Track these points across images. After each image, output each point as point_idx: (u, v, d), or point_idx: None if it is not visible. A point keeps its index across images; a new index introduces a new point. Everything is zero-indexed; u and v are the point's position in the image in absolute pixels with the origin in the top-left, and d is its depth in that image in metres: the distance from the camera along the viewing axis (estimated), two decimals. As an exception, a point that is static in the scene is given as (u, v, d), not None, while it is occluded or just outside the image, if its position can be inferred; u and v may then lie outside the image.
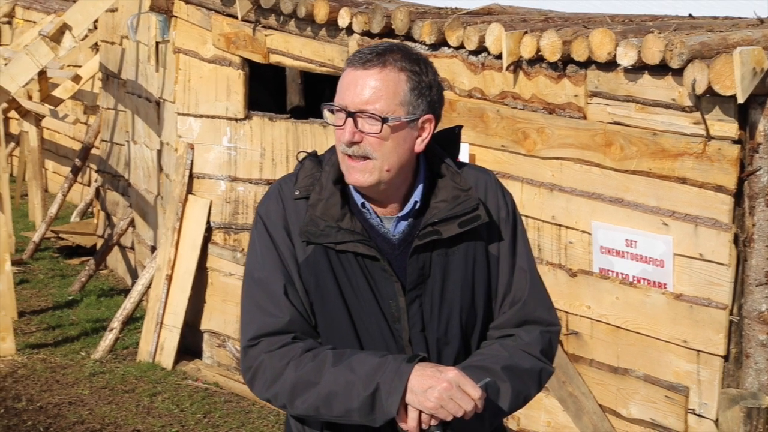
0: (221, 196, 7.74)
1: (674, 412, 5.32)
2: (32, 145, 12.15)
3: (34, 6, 14.94)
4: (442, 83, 2.82)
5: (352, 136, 2.69)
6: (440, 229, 2.76)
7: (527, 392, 2.83)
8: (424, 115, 2.74)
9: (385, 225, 2.81)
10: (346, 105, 2.70)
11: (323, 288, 2.78)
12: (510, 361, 2.79)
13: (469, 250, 2.82)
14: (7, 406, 7.07)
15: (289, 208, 2.83)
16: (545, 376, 2.87)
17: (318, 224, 2.75)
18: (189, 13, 7.83)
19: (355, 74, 2.70)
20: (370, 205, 2.80)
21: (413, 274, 2.77)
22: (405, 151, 2.74)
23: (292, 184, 2.86)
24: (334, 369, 2.67)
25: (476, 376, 2.69)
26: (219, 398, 7.27)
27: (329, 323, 2.80)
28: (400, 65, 2.71)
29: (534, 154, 5.83)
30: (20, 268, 10.27)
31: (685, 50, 4.95)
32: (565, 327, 5.75)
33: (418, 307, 2.79)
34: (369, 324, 2.78)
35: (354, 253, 2.76)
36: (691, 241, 5.16)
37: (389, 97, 2.69)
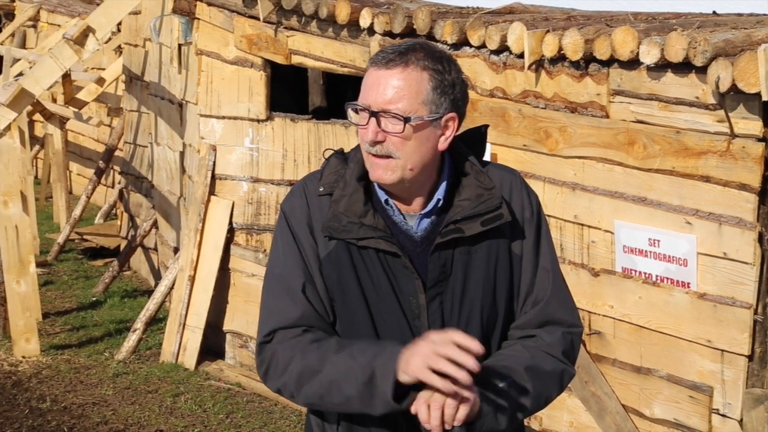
0: (243, 197, 7.74)
1: (698, 412, 5.30)
2: (56, 147, 12.19)
3: (58, 9, 15.00)
4: (466, 80, 2.81)
5: (375, 135, 2.70)
6: (463, 227, 2.76)
7: (548, 393, 2.82)
8: (447, 113, 2.73)
9: (408, 222, 2.81)
10: (369, 105, 2.70)
11: (344, 283, 2.78)
12: (532, 362, 2.78)
13: (491, 249, 2.81)
14: (32, 407, 7.09)
15: (313, 204, 2.84)
16: (567, 378, 2.86)
17: (341, 220, 2.76)
18: (211, 15, 7.84)
19: (378, 74, 2.71)
20: (393, 202, 2.80)
21: (434, 271, 2.77)
22: (428, 150, 2.73)
23: (317, 180, 2.87)
24: (336, 357, 2.68)
25: (498, 376, 2.70)
26: (241, 398, 7.27)
27: (349, 319, 2.80)
28: (423, 64, 2.70)
29: (556, 153, 5.82)
30: (45, 270, 10.31)
31: (709, 48, 4.92)
32: (587, 327, 5.72)
33: (438, 304, 2.78)
34: (388, 320, 2.78)
35: (375, 249, 2.76)
36: (715, 239, 5.14)
37: (412, 96, 2.68)
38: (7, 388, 7.41)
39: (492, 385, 2.69)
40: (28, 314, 8.07)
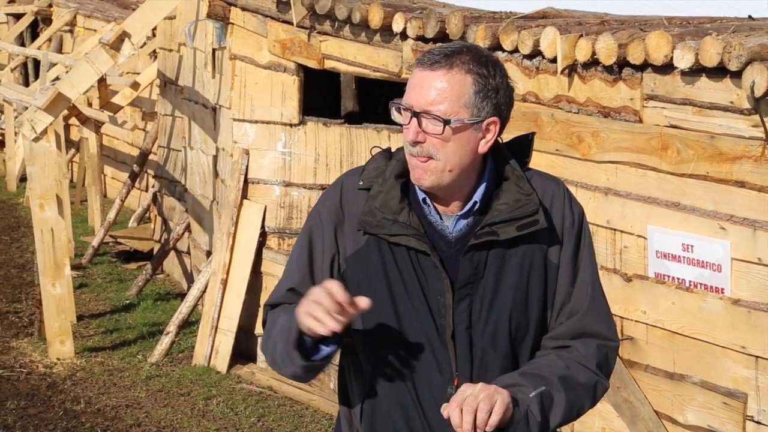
0: (276, 201, 7.76)
1: (732, 419, 5.26)
2: (92, 151, 12.27)
3: (94, 15, 15.12)
4: (511, 85, 2.80)
5: (415, 135, 2.70)
6: (498, 231, 2.75)
7: (581, 405, 2.80)
8: (489, 117, 2.72)
9: (444, 222, 2.81)
10: (412, 105, 2.71)
11: (370, 279, 2.80)
12: (566, 372, 2.76)
13: (526, 255, 2.79)
14: (66, 409, 7.13)
15: (347, 199, 2.86)
16: (600, 391, 2.84)
17: (375, 215, 2.77)
18: (245, 19, 7.87)
19: (423, 75, 2.71)
20: (431, 201, 2.80)
21: (465, 272, 2.76)
22: (468, 152, 2.73)
23: (357, 175, 2.89)
24: (285, 316, 2.76)
25: (533, 384, 2.69)
26: (273, 402, 7.28)
27: (373, 313, 2.79)
28: (467, 67, 2.69)
29: (589, 158, 5.79)
30: (79, 273, 10.37)
31: (744, 52, 4.89)
32: (620, 332, 5.69)
33: (467, 305, 2.77)
34: (413, 316, 2.78)
35: (407, 246, 2.76)
36: (750, 245, 5.10)
37: (454, 98, 2.68)
38: (41, 390, 7.45)
39: (525, 393, 2.68)
40: (62, 317, 8.12)
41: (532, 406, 2.66)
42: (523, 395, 2.67)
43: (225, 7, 8.00)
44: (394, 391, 2.82)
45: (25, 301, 9.54)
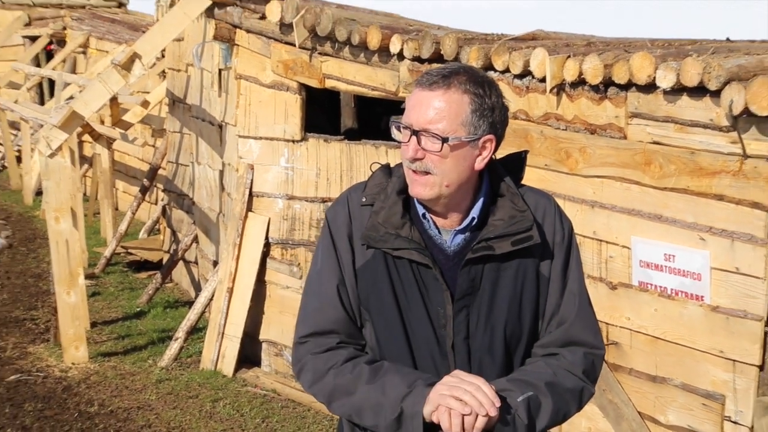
0: (279, 214, 7.77)
1: (711, 419, 5.27)
2: (104, 166, 12.27)
3: (106, 36, 15.14)
4: (506, 104, 2.82)
5: (415, 153, 2.71)
6: (494, 245, 2.76)
7: (567, 410, 2.81)
8: (485, 135, 2.74)
9: (443, 236, 2.82)
10: (411, 123, 2.72)
11: (379, 290, 2.81)
12: (553, 379, 2.78)
13: (520, 268, 2.81)
14: (81, 411, 7.13)
15: (354, 214, 2.87)
16: (586, 396, 2.86)
17: (378, 230, 2.78)
18: (250, 41, 7.89)
19: (422, 95, 2.72)
20: (430, 216, 2.82)
21: (463, 284, 2.78)
22: (465, 169, 2.74)
23: (360, 191, 2.90)
24: (367, 386, 2.72)
25: (520, 389, 2.71)
26: (276, 404, 7.28)
27: (383, 323, 2.82)
28: (464, 87, 2.71)
29: (576, 172, 5.81)
30: (92, 282, 10.37)
31: (723, 72, 4.91)
32: (605, 337, 5.70)
33: (465, 316, 2.78)
34: (417, 327, 2.79)
35: (409, 260, 2.77)
36: (728, 255, 5.11)
37: (451, 117, 2.69)
38: (57, 393, 7.45)
39: (512, 398, 2.69)
40: (77, 323, 8.12)
41: (519, 410, 2.68)
42: (511, 399, 2.68)
43: (231, 30, 8.02)
44: None
45: (41, 309, 9.54)
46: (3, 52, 17.69)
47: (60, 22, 17.41)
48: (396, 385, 2.69)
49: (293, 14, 7.34)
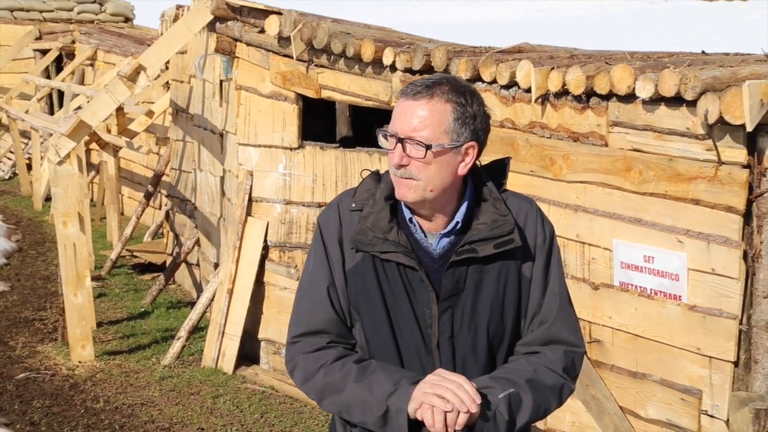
0: (277, 218, 7.77)
1: (688, 413, 5.28)
2: (110, 173, 12.28)
3: (113, 50, 15.15)
4: (488, 113, 2.82)
5: (400, 159, 2.72)
6: (477, 248, 2.76)
7: (547, 405, 2.80)
8: (467, 142, 2.74)
9: (429, 240, 2.82)
10: (397, 131, 2.73)
11: (368, 291, 2.81)
12: (533, 376, 2.78)
13: (502, 270, 2.81)
14: (87, 407, 7.13)
15: (344, 219, 2.87)
16: (566, 393, 2.85)
17: (367, 234, 2.78)
18: (249, 54, 7.90)
19: (406, 104, 2.73)
20: (416, 220, 2.82)
21: (448, 285, 2.78)
22: (448, 174, 2.75)
23: (350, 197, 2.90)
24: (355, 385, 2.73)
25: (502, 385, 2.71)
26: (274, 400, 7.29)
27: (371, 323, 2.83)
28: (447, 97, 2.72)
29: (560, 178, 5.83)
30: (99, 283, 10.37)
31: (699, 83, 4.94)
32: (588, 335, 5.72)
33: (449, 316, 2.79)
34: (404, 327, 2.80)
35: (396, 262, 2.77)
36: (704, 257, 5.13)
37: (435, 125, 2.70)
38: (65, 390, 7.45)
39: (494, 395, 2.70)
40: (84, 323, 8.12)
41: (500, 407, 2.68)
42: (493, 396, 2.68)
43: (231, 43, 8.03)
44: None
45: (49, 310, 9.54)
46: (15, 65, 17.68)
47: (69, 36, 17.41)
48: (382, 383, 2.70)
49: (291, 28, 7.35)
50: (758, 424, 4.91)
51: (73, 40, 17.17)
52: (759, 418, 4.91)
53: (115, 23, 18.89)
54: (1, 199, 15.33)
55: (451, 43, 7.26)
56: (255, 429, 6.78)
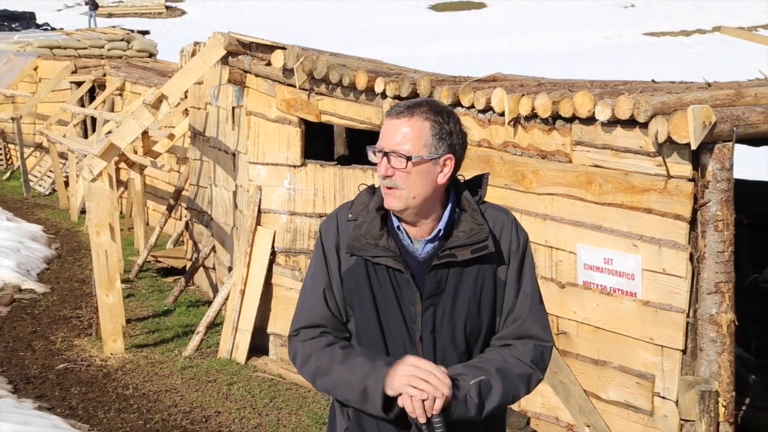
0: (283, 227, 7.76)
1: (643, 395, 5.28)
2: (137, 189, 12.25)
3: (139, 81, 15.14)
4: (464, 131, 2.82)
5: (386, 171, 2.73)
6: (456, 253, 2.75)
7: (516, 392, 2.77)
8: (445, 154, 2.74)
9: (415, 245, 2.81)
10: (383, 147, 2.74)
11: (360, 291, 2.81)
12: (503, 365, 2.75)
13: (479, 273, 2.80)
14: (118, 393, 7.10)
15: (342, 228, 2.87)
16: (534, 381, 2.82)
17: (360, 241, 2.78)
18: (258, 83, 7.90)
19: (390, 123, 2.74)
20: (404, 228, 2.81)
21: (430, 286, 2.77)
22: (428, 183, 2.74)
23: (347, 209, 2.90)
24: (340, 367, 2.74)
25: (474, 373, 2.69)
26: (282, 386, 7.26)
27: (362, 318, 2.82)
28: (425, 116, 2.73)
29: (530, 191, 5.83)
30: (127, 285, 10.33)
31: (649, 108, 4.95)
32: (555, 328, 5.71)
33: (431, 312, 2.77)
34: (392, 323, 2.79)
35: (386, 265, 2.77)
36: (656, 259, 5.14)
37: (414, 140, 2.71)
38: (98, 379, 7.43)
39: (466, 381, 2.68)
40: (115, 320, 8.10)
41: (471, 392, 2.66)
42: (465, 383, 2.67)
43: (242, 74, 8.03)
44: None
45: (85, 308, 9.50)
46: (54, 95, 17.63)
47: (101, 70, 17.40)
48: (362, 365, 2.70)
49: (294, 61, 7.35)
50: (703, 404, 4.91)
51: (104, 73, 17.16)
52: (704, 399, 4.91)
53: (140, 58, 18.86)
54: (42, 212, 15.28)
55: (434, 74, 7.27)
56: (265, 412, 6.76)
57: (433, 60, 26.02)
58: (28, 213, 15.00)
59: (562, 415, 5.75)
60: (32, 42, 19.42)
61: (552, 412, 5.81)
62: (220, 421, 6.60)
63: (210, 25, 43.41)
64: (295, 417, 6.68)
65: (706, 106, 4.81)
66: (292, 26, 46.31)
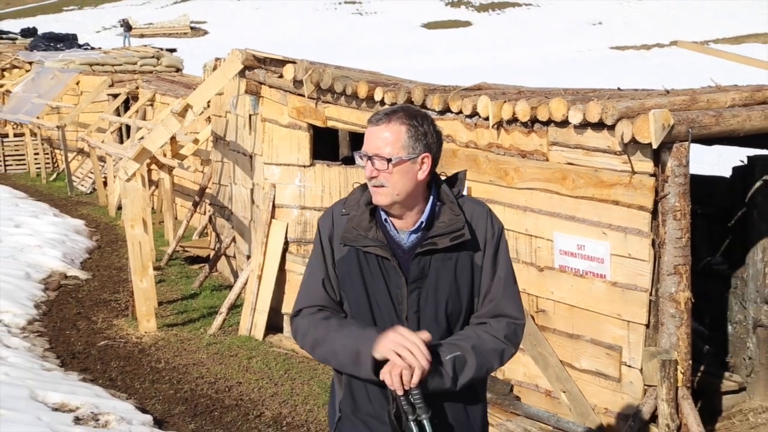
0: (294, 220, 7.75)
1: (612, 364, 5.28)
2: (166, 187, 12.22)
3: (168, 93, 15.10)
4: (438, 131, 2.81)
5: (371, 172, 2.73)
6: (437, 242, 2.74)
7: (490, 365, 2.75)
8: (422, 153, 2.73)
9: (400, 236, 2.80)
10: (367, 151, 2.74)
11: (352, 277, 2.80)
12: (477, 342, 2.73)
13: (458, 259, 2.78)
14: (152, 366, 7.11)
15: (336, 222, 2.86)
16: (507, 355, 2.80)
17: (352, 233, 2.78)
18: (271, 93, 7.88)
19: (371, 130, 2.74)
20: (390, 221, 2.80)
21: (414, 271, 2.76)
22: (409, 180, 2.73)
23: (341, 205, 2.89)
24: (335, 334, 2.73)
25: (450, 350, 2.68)
26: (295, 360, 7.26)
27: (355, 302, 2.81)
28: (401, 121, 2.72)
29: (512, 186, 5.81)
30: (159, 272, 10.31)
31: (616, 112, 4.94)
32: (535, 306, 5.71)
33: (416, 295, 2.76)
34: (381, 304, 2.79)
35: (375, 254, 2.76)
36: (623, 245, 5.13)
37: (393, 143, 2.70)
38: (134, 354, 7.43)
39: (443, 356, 2.67)
40: (148, 302, 8.10)
41: (446, 366, 2.65)
42: (442, 357, 2.65)
43: (257, 85, 8.01)
44: None
45: (122, 292, 9.50)
46: (93, 106, 17.59)
47: (134, 83, 17.36)
48: (355, 332, 2.70)
49: (303, 73, 7.33)
50: (664, 371, 4.91)
51: (137, 86, 17.11)
52: (665, 367, 4.91)
53: (168, 73, 18.82)
54: (84, 208, 15.25)
55: (427, 84, 7.24)
56: (281, 382, 6.75)
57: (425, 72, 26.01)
58: (72, 209, 14.98)
59: (541, 382, 5.74)
60: (74, 60, 19.39)
61: (532, 380, 5.81)
62: (241, 390, 6.60)
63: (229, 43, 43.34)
64: (306, 386, 6.68)
65: (665, 111, 4.80)
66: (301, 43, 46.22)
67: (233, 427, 5.94)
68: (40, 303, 8.86)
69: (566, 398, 5.54)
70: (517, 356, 5.45)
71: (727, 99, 5.32)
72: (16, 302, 8.53)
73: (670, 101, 5.16)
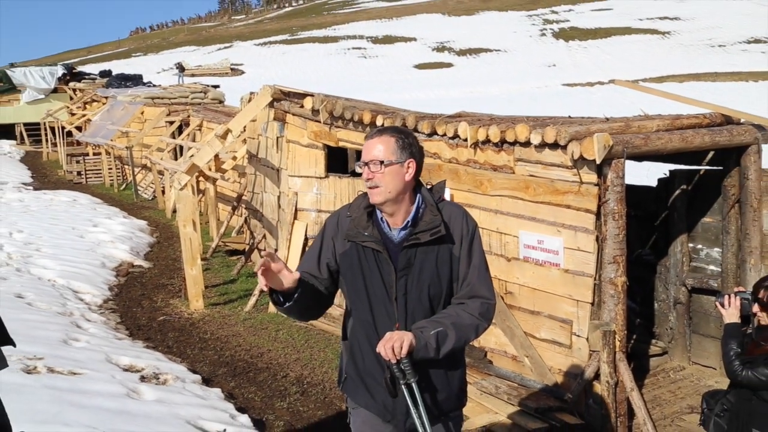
0: (313, 221, 7.73)
1: (564, 335, 5.26)
2: (211, 194, 12.22)
3: (212, 120, 15.08)
4: (420, 144, 2.81)
5: (367, 175, 2.72)
6: (420, 237, 2.72)
7: (467, 338, 2.73)
8: (408, 159, 2.73)
9: (392, 232, 2.78)
10: (364, 159, 2.73)
11: (353, 267, 2.78)
12: (456, 319, 2.71)
13: (439, 251, 2.76)
14: (200, 337, 7.09)
15: (341, 222, 2.85)
16: (481, 330, 2.77)
17: (353, 230, 2.77)
18: (294, 120, 7.86)
19: (368, 143, 2.74)
20: (385, 219, 2.78)
21: (402, 262, 2.74)
22: (399, 180, 2.72)
23: (347, 209, 2.88)
24: None
25: (434, 326, 2.66)
26: (314, 332, 7.24)
27: (354, 287, 2.79)
28: (390, 134, 2.73)
29: (486, 193, 5.80)
30: (205, 262, 10.30)
31: (568, 135, 4.92)
32: (504, 289, 5.68)
33: (404, 281, 2.74)
34: (375, 289, 2.77)
35: (371, 248, 2.75)
36: (573, 240, 5.11)
37: (385, 150, 2.70)
38: (186, 327, 7.41)
39: (427, 331, 2.65)
40: (197, 286, 8.08)
41: (430, 340, 2.63)
42: (426, 332, 2.64)
43: (283, 114, 7.99)
44: (365, 329, 2.79)
45: (176, 278, 9.47)
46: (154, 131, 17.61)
47: (186, 113, 17.35)
48: None
49: (319, 104, 7.31)
50: (605, 339, 4.89)
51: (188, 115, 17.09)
52: (606, 336, 4.89)
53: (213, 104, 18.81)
54: (147, 211, 15.23)
55: (418, 112, 7.22)
56: (302, 349, 6.73)
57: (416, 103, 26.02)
58: (137, 212, 14.96)
59: (509, 349, 5.72)
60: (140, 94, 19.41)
61: (502, 347, 5.79)
62: (271, 356, 6.58)
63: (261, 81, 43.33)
64: (322, 353, 6.66)
65: (605, 134, 4.78)
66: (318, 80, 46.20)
67: (264, 385, 5.93)
68: (113, 286, 8.86)
69: (528, 362, 5.52)
70: (490, 329, 5.43)
71: (653, 125, 5.31)
72: (95, 285, 8.55)
73: (609, 126, 5.14)
